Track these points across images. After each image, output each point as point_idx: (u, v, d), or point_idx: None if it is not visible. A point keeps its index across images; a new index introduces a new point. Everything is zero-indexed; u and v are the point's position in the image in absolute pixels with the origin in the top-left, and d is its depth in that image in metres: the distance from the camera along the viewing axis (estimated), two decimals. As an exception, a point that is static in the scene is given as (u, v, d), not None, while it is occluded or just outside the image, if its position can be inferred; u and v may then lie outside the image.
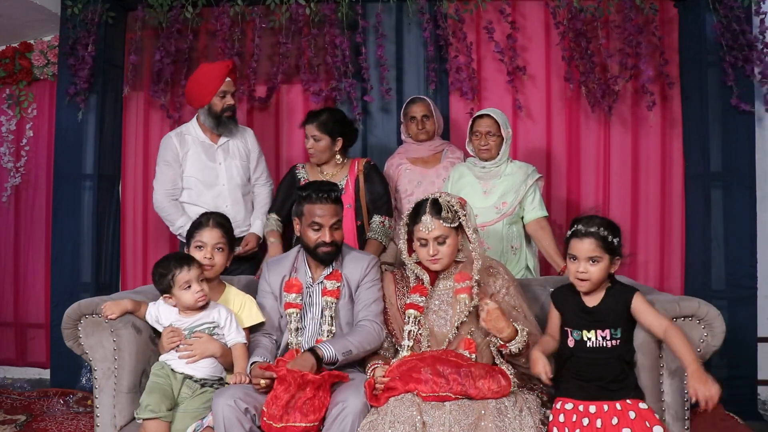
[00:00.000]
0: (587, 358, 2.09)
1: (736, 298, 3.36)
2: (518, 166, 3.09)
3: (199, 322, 2.28)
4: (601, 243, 2.05)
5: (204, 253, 2.37)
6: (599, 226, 2.06)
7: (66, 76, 3.66)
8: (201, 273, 2.28)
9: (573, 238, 2.10)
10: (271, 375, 2.10)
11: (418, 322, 2.32)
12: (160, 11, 3.60)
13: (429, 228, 2.28)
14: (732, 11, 3.31)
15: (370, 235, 3.01)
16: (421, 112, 3.34)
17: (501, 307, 2.17)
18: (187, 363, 2.23)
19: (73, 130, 3.69)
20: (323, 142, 3.04)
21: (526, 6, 3.73)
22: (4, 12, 3.66)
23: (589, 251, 2.05)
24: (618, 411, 2.02)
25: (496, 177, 3.06)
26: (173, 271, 2.23)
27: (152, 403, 2.13)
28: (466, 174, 3.11)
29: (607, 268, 2.08)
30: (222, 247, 2.41)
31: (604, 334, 2.09)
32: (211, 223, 2.43)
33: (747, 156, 3.44)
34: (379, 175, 3.13)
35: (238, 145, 3.25)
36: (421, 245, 2.33)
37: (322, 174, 3.09)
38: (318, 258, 2.42)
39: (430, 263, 2.33)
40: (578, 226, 2.10)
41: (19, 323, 4.03)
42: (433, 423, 1.97)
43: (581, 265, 2.07)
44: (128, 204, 3.90)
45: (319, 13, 3.54)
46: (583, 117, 3.69)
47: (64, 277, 3.67)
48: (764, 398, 3.55)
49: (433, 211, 2.29)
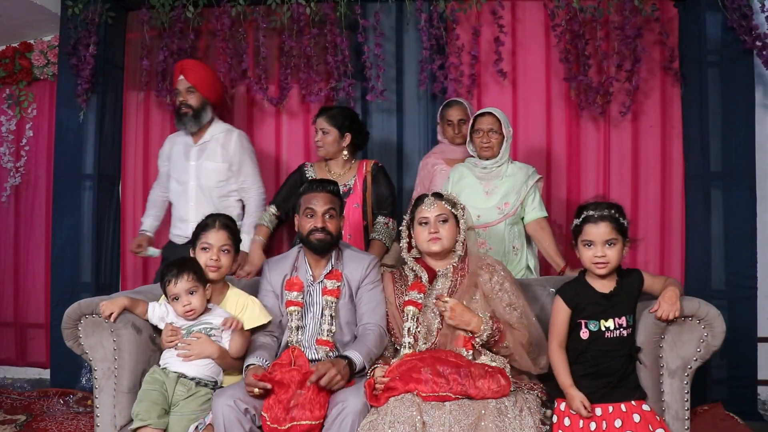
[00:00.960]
0: (602, 351, 2.09)
1: (736, 298, 3.36)
2: (519, 167, 3.09)
3: (197, 320, 2.30)
4: (615, 225, 2.08)
5: (210, 255, 2.38)
6: (610, 208, 2.09)
7: (66, 76, 3.65)
8: (192, 286, 2.28)
9: (587, 223, 2.10)
10: (264, 386, 2.08)
11: (416, 319, 2.33)
12: (162, 11, 3.60)
13: (431, 206, 2.37)
14: (732, 11, 3.30)
15: (374, 236, 3.01)
16: (457, 116, 3.33)
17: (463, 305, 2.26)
18: (183, 361, 2.24)
19: (73, 130, 3.69)
20: (331, 136, 3.05)
21: (525, 6, 3.73)
22: (4, 12, 3.66)
23: (606, 234, 2.07)
24: (623, 413, 2.03)
25: (497, 177, 3.05)
26: (165, 281, 2.28)
27: (142, 412, 2.15)
28: (466, 175, 3.11)
29: (621, 250, 2.11)
30: (228, 248, 2.42)
31: (621, 321, 2.10)
32: (218, 225, 2.43)
33: (747, 156, 3.43)
34: (386, 177, 3.13)
35: (216, 147, 3.24)
36: (421, 225, 2.37)
37: (330, 173, 3.09)
38: (312, 246, 2.41)
39: (430, 243, 2.35)
40: (589, 211, 2.11)
41: (19, 323, 4.03)
42: (433, 423, 1.97)
43: (599, 249, 2.08)
44: (128, 204, 3.90)
45: (319, 12, 3.54)
46: (583, 117, 3.68)
47: (64, 277, 3.66)
48: (764, 398, 3.55)
49: (436, 195, 2.41)
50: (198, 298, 2.29)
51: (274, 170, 3.78)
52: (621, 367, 2.08)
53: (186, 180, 3.24)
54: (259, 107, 3.82)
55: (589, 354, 2.10)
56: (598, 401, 2.06)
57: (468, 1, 3.56)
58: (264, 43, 3.63)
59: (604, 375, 2.07)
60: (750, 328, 3.37)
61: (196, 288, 2.29)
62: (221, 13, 3.60)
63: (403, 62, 3.74)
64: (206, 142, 3.25)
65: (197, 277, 2.30)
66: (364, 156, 3.67)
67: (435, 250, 2.37)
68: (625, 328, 2.10)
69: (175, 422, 2.17)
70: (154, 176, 3.84)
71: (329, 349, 2.36)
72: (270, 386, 2.08)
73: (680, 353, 2.16)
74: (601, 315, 2.11)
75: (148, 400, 2.17)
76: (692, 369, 2.17)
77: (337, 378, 2.09)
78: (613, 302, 2.12)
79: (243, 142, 3.28)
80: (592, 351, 2.10)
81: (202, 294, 2.31)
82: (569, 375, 2.09)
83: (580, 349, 2.12)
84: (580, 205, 2.19)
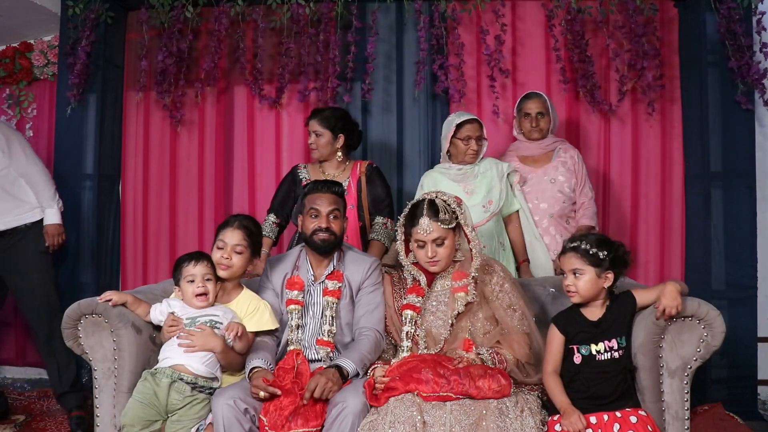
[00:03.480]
0: (595, 373, 2.11)
1: (736, 298, 3.36)
2: (489, 162, 3.11)
3: (202, 313, 2.30)
4: (581, 256, 2.14)
5: (222, 253, 2.36)
6: (583, 241, 2.17)
7: (66, 76, 3.65)
8: (208, 273, 2.31)
9: (561, 254, 2.22)
10: (274, 392, 2.10)
11: (414, 322, 2.32)
12: (162, 11, 3.60)
13: (427, 231, 2.28)
14: (732, 11, 3.30)
15: (373, 237, 3.01)
16: (536, 109, 3.20)
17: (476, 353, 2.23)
18: (185, 352, 2.22)
19: (73, 130, 3.68)
20: (324, 138, 3.05)
21: (525, 6, 3.72)
22: (4, 12, 3.66)
23: (570, 264, 2.16)
24: (618, 418, 2.04)
25: (473, 177, 3.05)
26: (184, 263, 2.32)
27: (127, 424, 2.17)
28: (440, 180, 3.07)
29: (595, 281, 2.13)
30: (242, 250, 2.37)
31: (612, 344, 2.13)
32: (236, 224, 2.40)
33: (747, 156, 3.43)
34: (381, 178, 3.12)
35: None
36: (418, 247, 2.33)
37: (324, 174, 3.08)
38: (315, 246, 2.41)
39: (428, 265, 2.34)
40: (565, 242, 2.24)
41: (19, 323, 4.02)
42: (434, 423, 1.97)
43: (568, 278, 2.16)
44: (128, 204, 3.90)
45: (318, 13, 3.54)
46: (583, 117, 3.68)
47: (64, 277, 3.66)
48: (764, 398, 3.55)
49: (431, 213, 2.29)
50: (212, 285, 2.31)
51: (275, 170, 3.78)
52: (615, 388, 2.10)
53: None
54: (258, 107, 3.82)
55: (582, 376, 2.13)
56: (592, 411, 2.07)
57: (471, 1, 3.56)
58: (263, 44, 3.63)
59: (597, 396, 2.09)
60: (750, 328, 3.36)
61: (212, 277, 2.32)
62: (220, 13, 3.60)
63: (403, 62, 3.73)
64: None
65: (214, 271, 2.34)
66: (363, 156, 3.68)
67: (435, 270, 2.36)
68: (616, 350, 2.13)
69: (176, 429, 2.17)
70: (154, 176, 3.87)
71: (330, 350, 2.36)
72: (279, 392, 2.10)
73: (680, 353, 2.16)
74: (591, 340, 2.15)
75: (133, 411, 2.18)
76: (692, 369, 2.17)
77: (329, 385, 2.10)
78: (602, 328, 2.16)
79: (4, 126, 3.33)
80: (584, 373, 2.13)
81: (215, 287, 2.33)
82: (565, 394, 2.10)
83: (573, 371, 2.15)
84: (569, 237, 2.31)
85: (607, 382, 2.10)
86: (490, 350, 2.24)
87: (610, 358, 2.13)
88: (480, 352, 2.23)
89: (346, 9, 3.52)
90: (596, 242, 2.15)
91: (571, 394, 2.11)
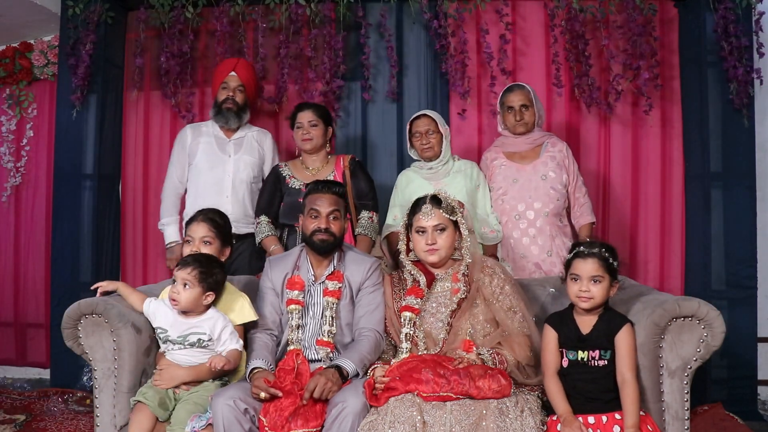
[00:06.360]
0: (583, 375, 2.10)
1: (736, 298, 3.36)
2: (463, 163, 3.13)
3: (191, 331, 2.26)
4: (603, 263, 2.11)
5: (191, 247, 2.42)
6: (601, 247, 2.14)
7: (66, 76, 3.65)
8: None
9: (576, 258, 2.15)
10: (276, 393, 2.10)
11: (413, 324, 2.32)
12: (162, 11, 3.60)
13: (429, 215, 2.33)
14: (729, 11, 3.30)
15: (360, 231, 3.04)
16: (519, 102, 3.07)
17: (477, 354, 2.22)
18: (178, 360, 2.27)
19: (73, 130, 3.68)
20: (320, 127, 3.09)
21: (526, 6, 3.73)
22: (4, 12, 3.66)
23: (592, 271, 2.10)
24: (618, 420, 2.04)
25: (445, 176, 3.06)
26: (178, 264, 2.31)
27: (148, 393, 2.19)
28: (414, 179, 3.09)
29: (607, 289, 2.12)
30: (209, 240, 2.43)
31: (594, 354, 2.11)
32: (200, 218, 2.47)
33: (747, 156, 3.44)
34: (364, 172, 3.17)
35: (252, 144, 3.34)
36: (419, 233, 2.35)
37: (307, 169, 3.11)
38: (315, 247, 2.42)
39: (427, 254, 2.35)
40: (581, 247, 2.16)
41: (19, 323, 4.03)
42: (434, 423, 1.97)
43: (584, 284, 2.11)
44: (128, 204, 3.90)
45: (319, 13, 3.54)
46: (583, 117, 3.68)
47: (64, 277, 3.66)
48: (764, 398, 3.55)
49: (434, 201, 2.36)
50: (188, 293, 2.23)
51: (274, 170, 3.78)
52: (607, 389, 2.08)
53: (222, 173, 3.26)
54: (259, 106, 3.81)
55: (570, 378, 2.12)
56: (589, 412, 2.06)
57: (472, 1, 3.56)
58: (263, 43, 3.63)
59: (591, 398, 2.08)
60: (750, 328, 3.37)
61: (193, 285, 2.23)
62: (220, 13, 3.60)
63: (403, 62, 3.73)
64: (242, 138, 3.34)
65: (201, 278, 2.24)
66: (363, 156, 3.68)
67: (432, 260, 2.36)
68: (599, 360, 2.11)
69: (180, 408, 2.18)
70: (154, 176, 3.85)
71: (330, 351, 2.36)
72: (281, 394, 2.10)
73: (680, 353, 2.16)
74: (578, 347, 2.13)
75: (154, 390, 2.20)
76: (692, 369, 2.17)
77: (329, 385, 2.10)
78: (587, 342, 2.13)
79: (273, 142, 3.45)
80: (573, 375, 2.12)
81: (196, 295, 2.24)
82: (566, 402, 2.08)
83: (562, 373, 2.14)
84: (575, 242, 2.28)
85: (596, 383, 2.08)
86: (491, 351, 2.24)
87: (596, 366, 2.11)
88: (480, 353, 2.22)
89: (349, 9, 3.52)
90: (610, 250, 2.14)
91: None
